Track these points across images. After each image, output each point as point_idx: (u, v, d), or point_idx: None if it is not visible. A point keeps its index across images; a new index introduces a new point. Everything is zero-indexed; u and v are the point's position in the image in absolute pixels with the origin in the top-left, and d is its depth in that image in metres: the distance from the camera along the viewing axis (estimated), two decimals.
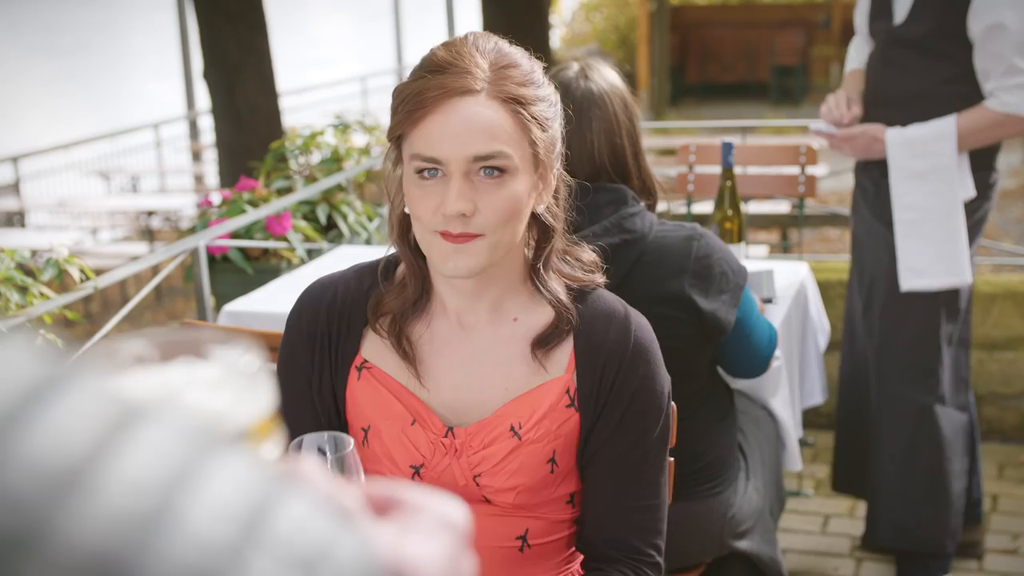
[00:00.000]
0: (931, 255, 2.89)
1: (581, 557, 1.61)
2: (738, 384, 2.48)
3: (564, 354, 1.50)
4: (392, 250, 1.57)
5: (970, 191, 2.90)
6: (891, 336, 3.02)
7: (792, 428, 2.62)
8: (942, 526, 3.04)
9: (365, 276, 1.56)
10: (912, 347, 3.00)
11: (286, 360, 1.56)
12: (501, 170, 1.38)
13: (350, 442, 1.18)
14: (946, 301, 2.97)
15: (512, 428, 1.47)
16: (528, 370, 1.49)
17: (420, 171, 1.39)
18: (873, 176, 3.00)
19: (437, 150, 1.37)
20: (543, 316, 1.51)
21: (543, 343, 1.49)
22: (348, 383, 1.53)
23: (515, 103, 1.38)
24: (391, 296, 1.51)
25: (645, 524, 1.53)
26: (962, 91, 2.85)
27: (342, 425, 1.55)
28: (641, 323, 1.53)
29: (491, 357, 1.50)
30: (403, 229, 1.48)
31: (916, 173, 2.87)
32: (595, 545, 1.54)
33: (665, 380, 1.53)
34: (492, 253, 1.41)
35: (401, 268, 1.54)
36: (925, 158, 2.85)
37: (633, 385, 1.49)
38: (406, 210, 1.47)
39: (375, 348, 1.52)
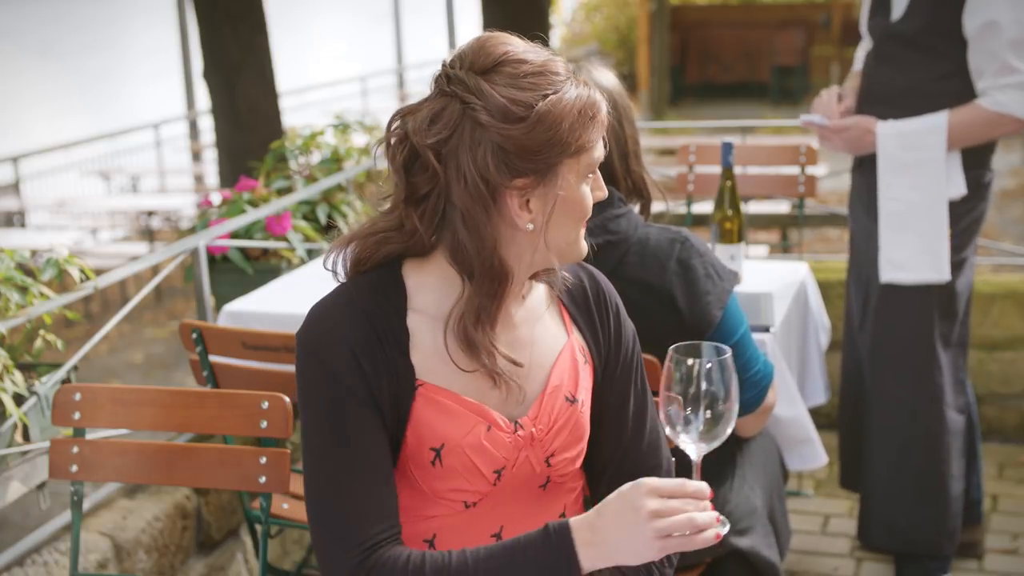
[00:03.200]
0: (913, 248, 2.88)
1: None
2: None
3: (562, 317, 1.60)
4: (339, 270, 1.52)
5: (960, 188, 2.88)
6: (884, 336, 3.01)
7: (808, 424, 2.61)
8: (937, 527, 3.02)
9: (378, 292, 1.49)
10: (905, 348, 2.99)
11: (342, 397, 1.44)
12: None
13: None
14: (941, 302, 2.95)
15: (567, 397, 1.54)
16: (548, 339, 1.56)
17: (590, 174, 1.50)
18: (866, 176, 3.00)
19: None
20: (537, 286, 1.58)
21: (546, 307, 1.57)
22: (412, 404, 1.48)
23: None
24: (430, 293, 1.49)
25: (654, 461, 1.63)
26: (954, 88, 2.83)
27: (401, 445, 1.49)
28: (598, 272, 1.67)
29: (517, 339, 1.53)
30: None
31: (904, 165, 2.86)
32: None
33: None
34: None
35: (408, 267, 1.51)
36: (914, 151, 2.84)
37: (628, 332, 1.64)
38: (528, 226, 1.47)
39: (424, 364, 1.48)
